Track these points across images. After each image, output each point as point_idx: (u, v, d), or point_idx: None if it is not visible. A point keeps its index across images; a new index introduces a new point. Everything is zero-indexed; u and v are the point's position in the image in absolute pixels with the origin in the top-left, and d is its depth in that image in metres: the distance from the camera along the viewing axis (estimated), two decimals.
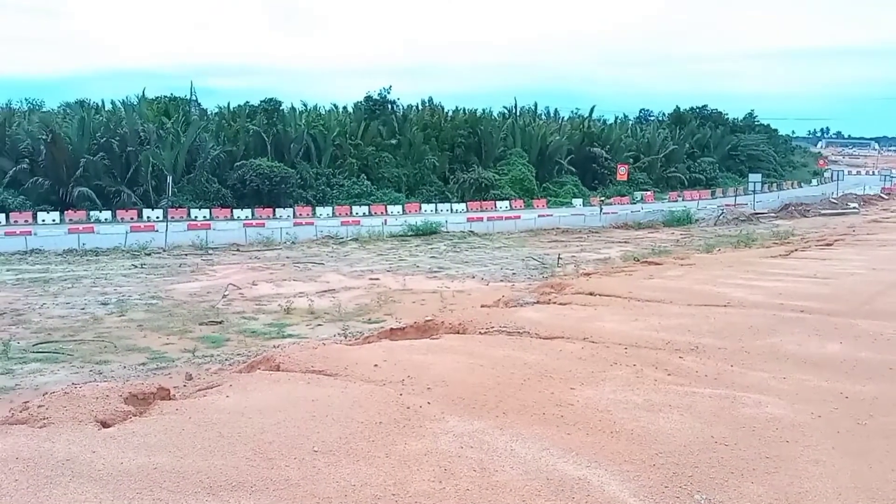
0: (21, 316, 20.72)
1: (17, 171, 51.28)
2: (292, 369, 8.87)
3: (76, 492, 5.24)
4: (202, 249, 37.21)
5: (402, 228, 45.11)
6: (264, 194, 55.76)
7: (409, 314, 19.38)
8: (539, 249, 36.98)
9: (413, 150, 63.75)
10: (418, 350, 9.89)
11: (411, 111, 70.97)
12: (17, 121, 58.54)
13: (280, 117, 62.25)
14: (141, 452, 5.99)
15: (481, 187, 63.61)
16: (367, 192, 60.13)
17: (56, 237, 38.97)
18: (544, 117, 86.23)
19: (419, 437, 6.65)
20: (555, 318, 12.26)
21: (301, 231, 43.29)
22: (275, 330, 19.02)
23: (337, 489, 5.51)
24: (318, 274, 29.20)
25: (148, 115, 59.59)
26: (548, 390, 8.12)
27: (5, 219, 47.24)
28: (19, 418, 6.96)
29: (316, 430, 6.62)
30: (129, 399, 7.49)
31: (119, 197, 52.86)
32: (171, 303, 22.81)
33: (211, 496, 5.29)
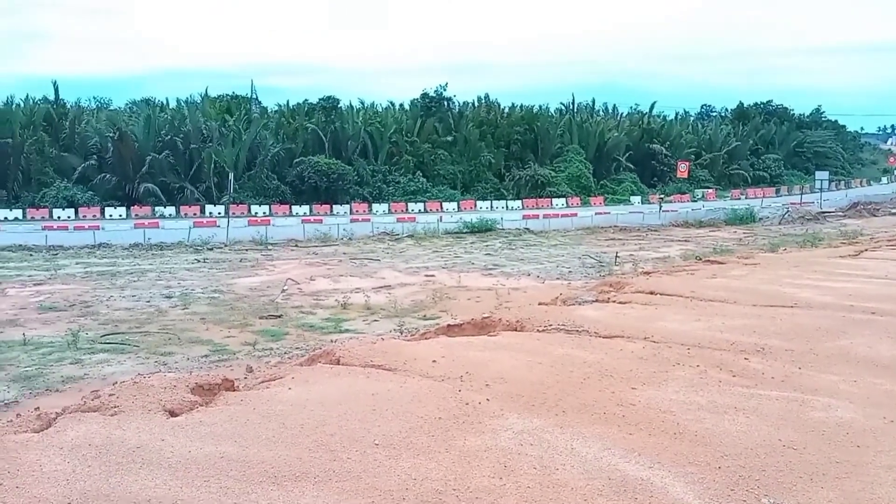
0: (89, 308, 21.39)
1: (86, 167, 53.12)
2: (352, 363, 8.97)
3: (146, 478, 5.40)
4: (262, 245, 37.90)
5: (457, 225, 45.11)
6: (322, 191, 56.54)
7: (464, 311, 19.37)
8: (596, 247, 36.55)
9: (469, 148, 63.75)
10: (476, 347, 9.88)
11: (467, 108, 70.95)
12: (87, 119, 60.60)
13: (338, 115, 62.99)
14: (208, 441, 6.14)
15: (537, 184, 63.23)
16: (422, 189, 60.42)
17: (123, 232, 40.21)
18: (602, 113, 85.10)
19: (479, 433, 6.65)
20: (614, 316, 12.11)
21: (357, 227, 43.71)
22: (332, 324, 19.22)
23: (398, 482, 5.55)
24: (374, 270, 29.43)
25: (211, 114, 60.99)
26: (608, 389, 8.03)
27: (75, 213, 48.96)
28: (91, 406, 7.20)
29: (376, 424, 6.68)
30: (195, 389, 7.69)
31: (183, 193, 54.29)
32: (232, 297, 23.27)
33: (275, 486, 5.39)
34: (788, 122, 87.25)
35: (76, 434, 6.25)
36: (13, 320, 19.54)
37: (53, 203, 50.05)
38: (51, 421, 6.79)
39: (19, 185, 52.20)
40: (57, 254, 34.07)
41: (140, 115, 61.90)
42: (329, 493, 5.33)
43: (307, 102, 66.92)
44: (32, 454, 5.78)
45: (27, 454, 5.78)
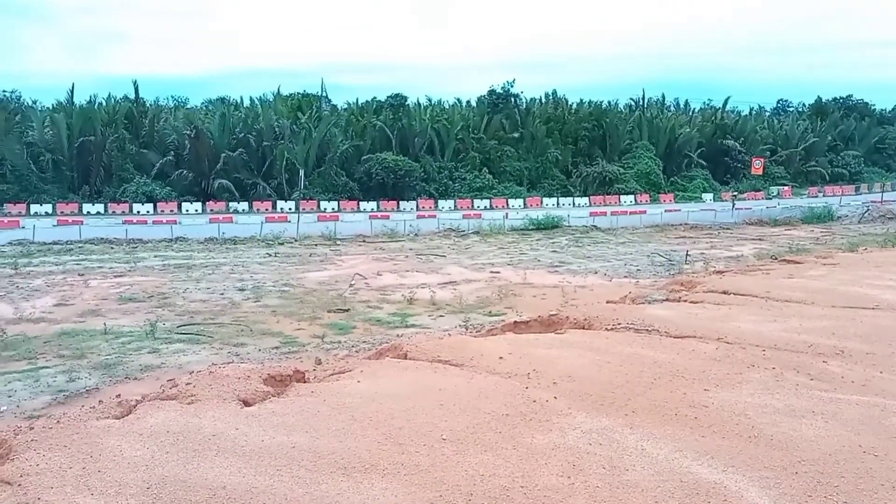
0: (167, 299, 22.09)
1: (164, 163, 54.93)
2: (419, 358, 9.03)
3: (222, 466, 5.55)
4: (331, 240, 38.46)
5: (523, 222, 44.80)
6: (389, 187, 57.07)
7: (529, 308, 19.26)
8: (665, 245, 35.79)
9: (535, 144, 63.30)
10: (543, 344, 9.81)
11: (534, 104, 70.44)
12: (165, 117, 62.65)
13: (405, 112, 63.41)
14: (280, 431, 6.27)
15: (605, 181, 62.31)
16: (488, 186, 60.31)
17: (198, 226, 41.40)
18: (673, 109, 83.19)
19: (546, 431, 6.60)
20: (686, 316, 11.85)
21: (424, 223, 43.86)
22: (398, 319, 19.35)
23: (465, 477, 5.56)
24: (440, 266, 29.52)
25: (282, 112, 62.20)
26: (680, 390, 7.86)
27: (153, 208, 50.68)
28: (169, 394, 7.45)
29: (444, 419, 6.70)
30: (267, 380, 7.87)
31: (255, 189, 55.60)
32: (301, 290, 23.68)
33: (345, 477, 5.47)
34: (869, 118, 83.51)
35: (155, 421, 6.47)
36: (95, 310, 20.35)
37: (133, 198, 51.93)
38: (131, 408, 7.05)
39: (101, 180, 54.38)
40: (136, 247, 35.34)
41: (215, 113, 63.62)
42: (398, 486, 5.38)
43: (375, 100, 67.60)
44: (114, 439, 6.01)
45: (109, 439, 6.01)
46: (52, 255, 32.14)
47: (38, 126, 54.58)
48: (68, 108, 56.93)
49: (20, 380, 13.60)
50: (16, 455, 5.69)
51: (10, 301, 21.56)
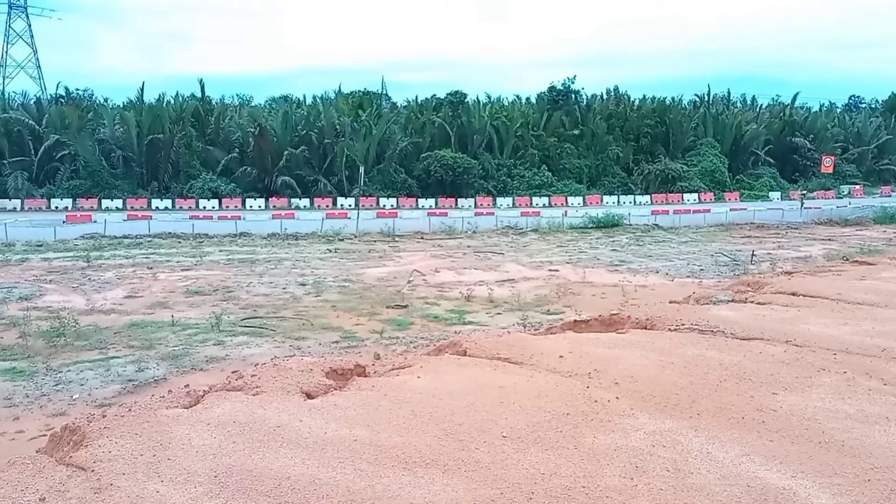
0: (231, 293, 22.65)
1: (229, 160, 56.30)
2: (479, 355, 9.02)
3: (286, 456, 5.65)
4: (389, 236, 38.82)
5: (582, 220, 44.40)
6: (447, 184, 57.24)
7: (589, 307, 19.08)
8: (730, 245, 34.96)
9: (596, 141, 62.60)
10: (604, 344, 9.69)
11: (595, 101, 69.70)
12: (230, 115, 64.20)
13: (464, 109, 63.48)
14: (342, 424, 6.35)
15: (668, 179, 61.23)
16: (547, 183, 59.93)
17: (261, 222, 42.32)
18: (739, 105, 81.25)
19: (608, 431, 6.52)
20: (752, 318, 11.54)
21: (482, 221, 43.87)
22: (456, 316, 19.41)
23: (526, 476, 5.54)
24: (498, 263, 29.47)
25: (343, 109, 63.03)
26: (747, 393, 7.67)
27: (219, 204, 52.00)
28: (235, 385, 7.61)
29: (504, 416, 6.68)
30: (329, 374, 7.98)
31: (316, 185, 56.50)
32: (361, 286, 23.97)
33: (406, 471, 5.50)
34: None
35: (222, 411, 6.62)
36: (163, 302, 21.00)
37: (200, 194, 53.40)
38: (199, 398, 7.23)
39: (169, 176, 56.08)
40: (202, 241, 36.31)
41: (279, 111, 64.87)
42: (459, 482, 5.39)
43: (435, 97, 67.89)
44: (182, 428, 6.17)
45: (178, 428, 6.18)
46: (123, 248, 33.29)
47: (109, 124, 56.57)
48: (138, 107, 58.87)
49: (92, 369, 14.13)
50: (89, 442, 5.89)
51: (83, 293, 22.42)
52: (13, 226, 38.04)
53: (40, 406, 12.05)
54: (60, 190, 52.58)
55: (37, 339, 16.17)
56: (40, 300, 21.12)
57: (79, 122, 55.77)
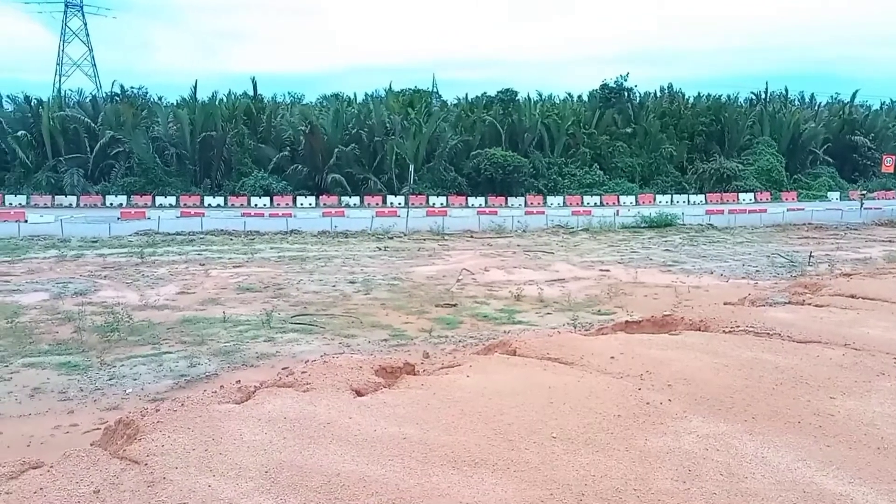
0: (281, 290, 22.93)
1: (280, 158, 57.11)
2: (528, 355, 8.94)
3: (336, 453, 5.67)
4: (439, 235, 38.88)
5: (634, 220, 43.82)
6: (497, 183, 57.08)
7: (640, 308, 18.79)
8: (787, 246, 34.06)
9: (649, 139, 61.68)
10: (657, 345, 9.50)
11: (649, 98, 68.69)
12: (282, 113, 65.09)
13: (515, 107, 63.23)
14: (392, 422, 6.35)
15: (723, 178, 59.98)
16: (599, 182, 59.30)
17: (312, 219, 42.80)
18: (797, 103, 79.06)
19: (660, 434, 6.39)
20: (810, 320, 11.21)
21: (532, 220, 43.63)
22: (505, 315, 19.31)
23: (576, 477, 5.45)
24: (548, 263, 29.26)
25: (394, 107, 63.35)
26: (803, 397, 7.45)
27: (270, 201, 52.79)
28: (286, 382, 7.68)
29: (554, 417, 6.60)
30: (378, 371, 7.99)
31: (366, 184, 56.92)
32: (410, 284, 24.03)
33: (455, 470, 5.47)
34: None
35: (273, 407, 6.68)
36: (215, 299, 21.38)
37: (251, 191, 54.28)
38: (250, 394, 7.31)
39: (222, 174, 57.14)
40: (254, 238, 36.90)
41: (329, 109, 65.52)
42: (508, 482, 5.33)
43: (485, 95, 67.76)
44: (234, 423, 6.25)
45: (230, 423, 6.26)
46: (176, 245, 34.02)
47: (163, 121, 57.88)
48: (191, 105, 60.07)
49: (145, 364, 14.44)
50: (143, 435, 5.99)
51: (137, 289, 22.96)
52: (69, 222, 39.19)
53: (94, 400, 12.35)
54: (115, 187, 53.99)
55: (91, 334, 16.60)
56: (95, 295, 21.70)
57: (133, 119, 57.17)
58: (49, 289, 22.48)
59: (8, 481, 5.25)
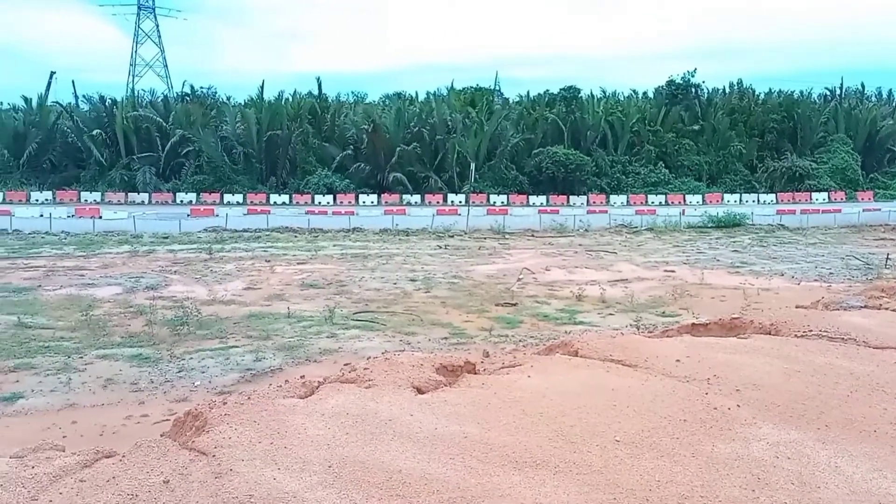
0: (344, 287, 23.24)
1: (343, 157, 57.86)
2: (590, 356, 8.81)
3: (397, 450, 5.69)
4: (499, 234, 38.79)
5: (701, 219, 42.91)
6: (559, 181, 56.60)
7: (707, 310, 18.37)
8: (862, 248, 32.81)
9: (717, 137, 60.23)
10: (725, 348, 9.25)
11: (717, 95, 67.08)
12: (345, 112, 65.92)
13: (578, 105, 62.57)
14: (452, 420, 6.34)
15: (794, 177, 58.12)
16: (664, 181, 58.21)
17: (374, 217, 43.24)
18: (874, 99, 76.01)
19: (728, 440, 6.22)
20: (888, 325, 10.75)
21: (594, 219, 43.19)
22: (566, 316, 19.14)
23: (640, 482, 5.34)
24: (611, 263, 28.88)
25: (455, 106, 63.46)
26: (880, 405, 7.14)
27: (333, 199, 53.52)
28: (348, 378, 7.75)
29: (617, 420, 6.49)
30: (439, 369, 7.99)
31: (427, 182, 57.16)
32: (470, 283, 24.04)
33: (516, 471, 5.42)
34: None
35: (336, 403, 6.75)
36: (280, 295, 21.79)
37: (315, 189, 55.13)
38: (313, 389, 7.41)
39: (287, 172, 58.21)
40: (317, 236, 37.49)
41: (392, 108, 66.06)
42: (569, 484, 5.26)
43: (548, 93, 67.29)
44: (298, 418, 6.34)
45: (294, 418, 6.35)
46: (243, 241, 34.83)
47: (231, 121, 59.27)
48: (258, 104, 61.34)
49: (212, 357, 14.83)
50: (210, 427, 6.13)
51: (205, 284, 23.58)
52: (141, 218, 40.58)
53: (164, 392, 12.73)
54: (185, 184, 55.59)
55: (162, 328, 17.14)
56: (166, 290, 22.39)
57: (203, 119, 58.77)
58: (122, 283, 23.30)
59: (82, 469, 5.43)
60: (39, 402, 12.09)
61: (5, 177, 55.95)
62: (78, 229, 37.38)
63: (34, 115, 60.15)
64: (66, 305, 19.64)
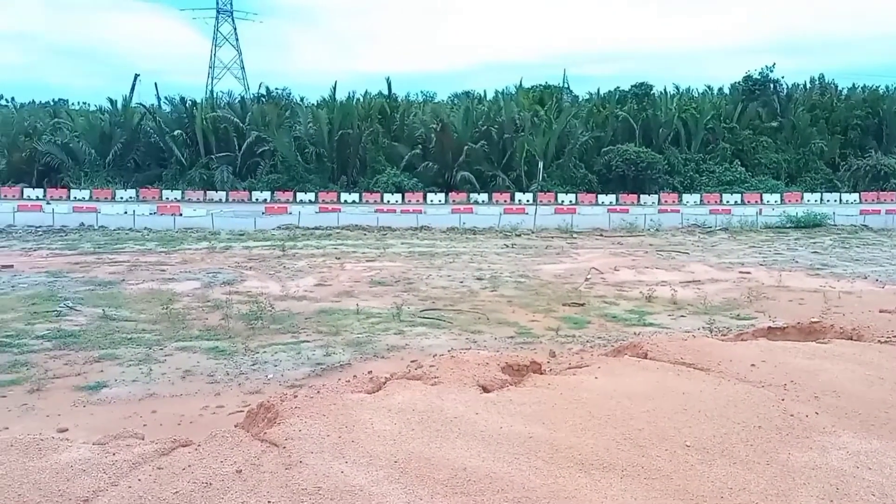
0: (411, 284, 23.42)
1: (412, 156, 58.35)
2: (660, 359, 8.63)
3: (462, 448, 5.69)
4: (567, 233, 38.44)
5: (779, 219, 41.57)
6: (629, 180, 55.70)
7: (784, 313, 17.76)
8: None
9: (797, 134, 58.19)
10: (803, 353, 8.92)
11: (797, 90, 64.78)
12: (414, 112, 66.45)
13: (650, 102, 61.45)
14: (518, 420, 6.30)
15: (880, 175, 55.70)
16: (740, 179, 56.60)
17: (441, 216, 43.47)
18: None
19: (805, 448, 5.99)
20: None
21: (665, 218, 42.39)
22: (635, 317, 18.82)
23: (712, 489, 5.20)
24: (683, 263, 28.24)
25: (524, 104, 63.15)
26: None
27: (401, 198, 54.03)
28: (415, 375, 7.80)
29: (688, 425, 6.33)
30: (505, 368, 7.95)
31: (494, 181, 57.10)
32: (537, 282, 23.89)
33: (583, 473, 5.35)
34: None
35: (402, 399, 6.80)
36: (349, 291, 22.12)
37: (384, 188, 55.78)
38: (381, 384, 7.48)
39: (357, 171, 59.10)
40: (386, 234, 37.91)
41: (460, 107, 66.24)
42: (637, 489, 5.16)
43: (618, 90, 66.30)
44: (366, 413, 6.41)
45: (362, 412, 6.43)
46: (314, 239, 35.52)
47: (303, 121, 60.57)
48: (330, 105, 62.46)
49: (285, 351, 15.17)
50: (282, 420, 6.26)
51: (278, 280, 24.14)
52: (219, 216, 41.90)
53: (238, 384, 13.09)
54: (260, 183, 57.10)
55: (237, 322, 17.64)
56: (241, 285, 23.01)
57: (277, 119, 60.27)
58: (200, 278, 24.08)
59: (160, 457, 5.63)
60: (122, 392, 12.59)
61: (92, 175, 58.60)
62: (159, 226, 38.87)
63: (119, 116, 62.82)
64: (148, 299, 20.42)
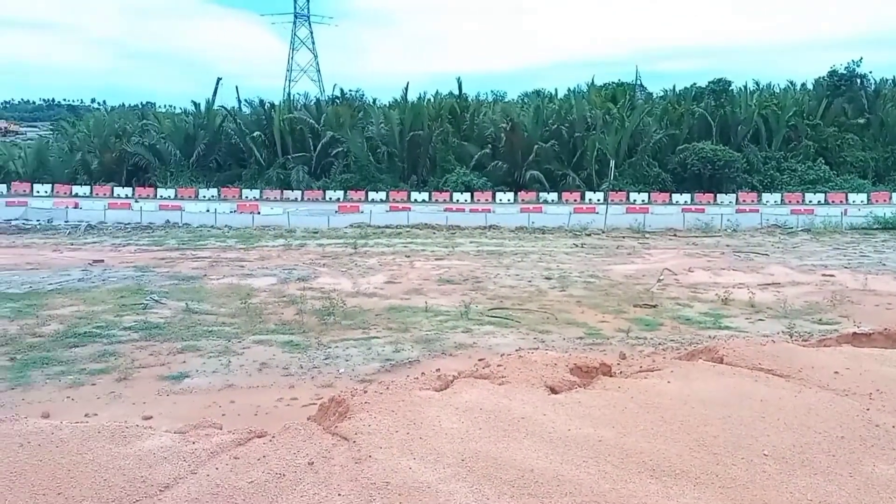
0: (479, 283, 23.40)
1: (481, 155, 58.43)
2: (737, 364, 8.35)
3: (529, 448, 5.63)
4: (639, 233, 37.77)
5: (866, 220, 39.83)
6: (705, 179, 54.29)
7: (870, 318, 16.99)
8: None
9: (885, 131, 55.65)
10: (891, 361, 8.49)
11: (885, 86, 61.91)
12: (484, 111, 66.51)
13: (728, 98, 59.75)
14: (586, 423, 6.19)
15: None
16: (823, 178, 54.45)
17: (510, 215, 43.36)
18: None
19: (892, 460, 5.69)
20: None
21: (744, 218, 41.23)
22: (710, 320, 18.30)
23: (790, 500, 5.00)
24: (761, 265, 27.35)
25: (595, 102, 62.34)
26: None
27: (470, 197, 54.13)
28: (482, 374, 7.76)
29: (765, 433, 6.10)
30: (573, 370, 7.83)
31: (565, 180, 56.57)
32: (607, 282, 23.52)
33: (653, 479, 5.22)
34: None
35: (469, 397, 6.78)
36: (418, 289, 22.27)
37: (454, 187, 56.00)
38: (448, 382, 7.48)
39: (427, 170, 59.55)
40: (455, 233, 38.03)
41: (530, 106, 65.92)
42: (711, 497, 5.00)
43: (695, 86, 64.76)
44: (433, 410, 6.41)
45: (429, 409, 6.43)
46: (385, 237, 35.94)
47: (375, 122, 61.56)
48: (402, 105, 63.20)
49: (356, 346, 15.37)
50: (352, 414, 6.33)
51: (350, 277, 24.52)
52: (294, 214, 42.93)
53: (312, 377, 13.34)
54: (334, 182, 58.26)
55: (311, 317, 17.99)
56: (315, 281, 23.48)
57: (351, 120, 61.39)
58: (276, 274, 24.70)
59: (236, 447, 5.78)
60: (202, 382, 13.00)
61: (177, 175, 61.00)
62: (239, 224, 40.15)
63: (202, 118, 65.16)
64: (228, 293, 21.06)
